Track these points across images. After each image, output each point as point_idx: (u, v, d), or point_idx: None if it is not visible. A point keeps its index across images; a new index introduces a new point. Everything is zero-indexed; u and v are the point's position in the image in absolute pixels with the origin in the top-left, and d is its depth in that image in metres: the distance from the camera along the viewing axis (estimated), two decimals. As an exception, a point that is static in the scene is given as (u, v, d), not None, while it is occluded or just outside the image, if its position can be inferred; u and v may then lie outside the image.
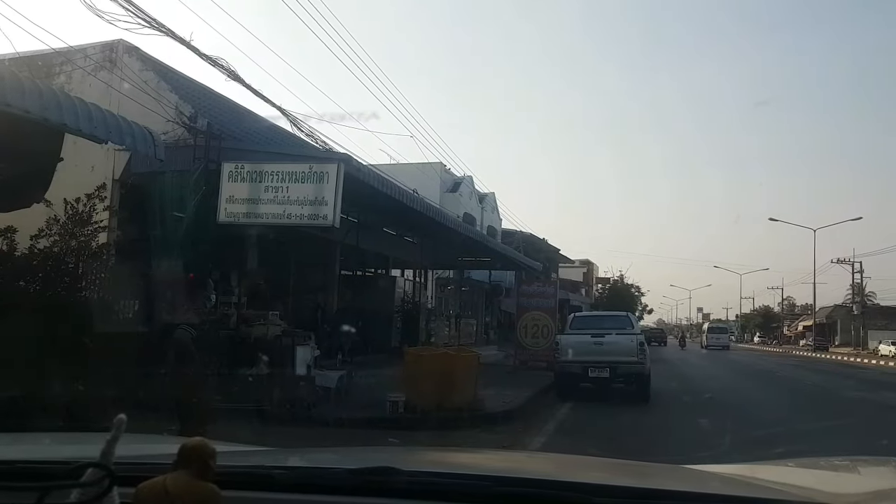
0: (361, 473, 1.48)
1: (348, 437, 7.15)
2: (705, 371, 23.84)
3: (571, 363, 12.41)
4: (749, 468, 2.02)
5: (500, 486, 1.47)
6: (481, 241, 19.17)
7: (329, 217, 9.22)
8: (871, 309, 60.05)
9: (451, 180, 32.01)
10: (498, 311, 33.06)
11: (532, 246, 30.92)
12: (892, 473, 2.00)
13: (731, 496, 1.47)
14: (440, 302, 26.59)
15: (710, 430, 9.18)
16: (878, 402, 14.35)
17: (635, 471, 2.20)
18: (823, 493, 1.49)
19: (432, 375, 9.03)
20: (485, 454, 2.94)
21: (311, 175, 9.30)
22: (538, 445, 7.70)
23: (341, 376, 10.13)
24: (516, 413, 9.87)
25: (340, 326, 12.17)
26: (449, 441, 7.08)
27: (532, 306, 17.43)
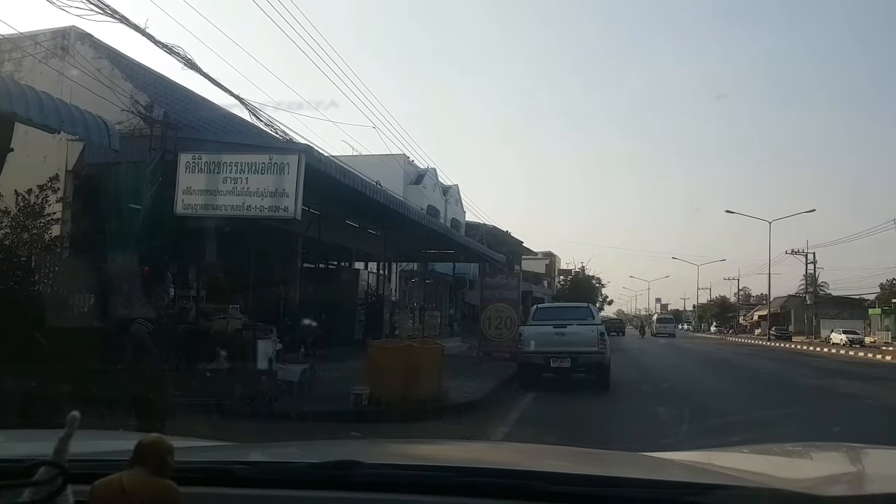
0: (323, 467, 1.47)
1: (311, 430, 7.11)
2: (663, 360, 24.31)
3: (534, 354, 12.55)
4: (706, 455, 2.06)
5: (462, 476, 1.47)
6: (445, 233, 19.15)
7: (290, 209, 9.10)
8: (823, 299, 62.06)
9: (414, 172, 31.93)
10: (462, 303, 33.13)
11: (495, 238, 31.04)
12: (842, 458, 2.06)
13: (689, 483, 1.49)
14: (404, 294, 26.54)
15: (668, 417, 9.37)
16: (830, 389, 14.80)
17: (595, 459, 2.23)
18: (777, 479, 1.52)
19: (396, 368, 9.01)
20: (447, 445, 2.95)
21: (271, 166, 9.15)
22: (501, 435, 7.76)
23: (304, 370, 10.04)
24: (479, 404, 9.93)
25: (303, 320, 12.04)
26: (412, 433, 7.10)
27: (495, 298, 17.53)
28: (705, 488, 1.38)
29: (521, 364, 12.99)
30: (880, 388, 15.20)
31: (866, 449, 2.23)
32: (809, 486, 1.36)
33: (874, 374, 19.63)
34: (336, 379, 10.47)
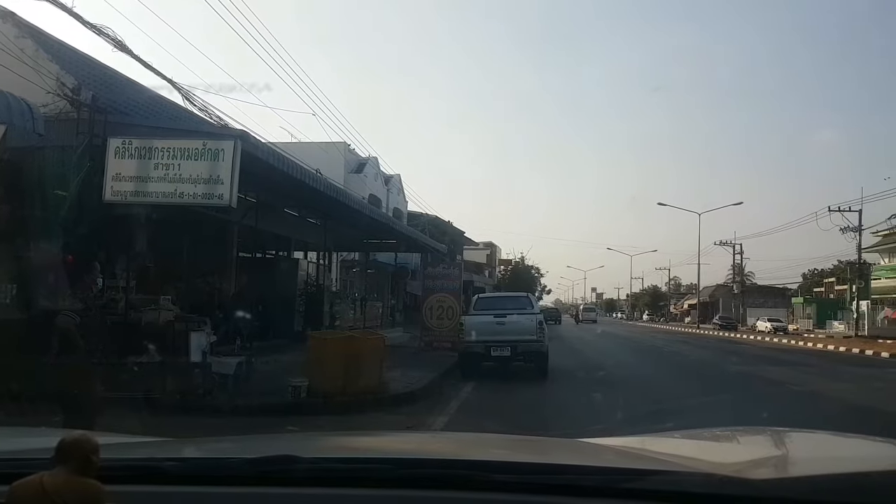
0: (259, 463, 1.43)
1: (247, 425, 6.95)
2: (598, 347, 24.89)
3: (475, 343, 12.67)
4: (640, 440, 2.10)
5: (403, 468, 1.46)
6: (387, 223, 19.05)
7: (225, 196, 8.84)
8: (749, 288, 64.87)
9: (355, 161, 31.62)
10: (404, 293, 33.10)
11: (438, 228, 31.11)
12: (768, 442, 2.13)
13: (626, 468, 1.52)
14: (345, 285, 26.31)
15: (603, 403, 9.61)
16: (756, 375, 15.39)
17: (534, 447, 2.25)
18: (708, 463, 1.56)
19: (337, 359, 8.93)
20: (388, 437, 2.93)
21: (205, 152, 8.87)
22: (441, 425, 7.78)
23: (240, 362, 9.82)
24: (421, 394, 9.95)
25: (238, 311, 11.77)
26: (353, 425, 7.04)
27: (437, 288, 17.57)
28: (641, 473, 1.41)
29: (463, 353, 13.09)
30: (803, 373, 15.93)
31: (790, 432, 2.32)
32: (738, 470, 1.40)
33: (796, 360, 20.61)
34: (274, 371, 10.30)
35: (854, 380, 14.57)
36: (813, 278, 64.90)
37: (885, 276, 44.14)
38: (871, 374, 16.04)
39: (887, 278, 43.39)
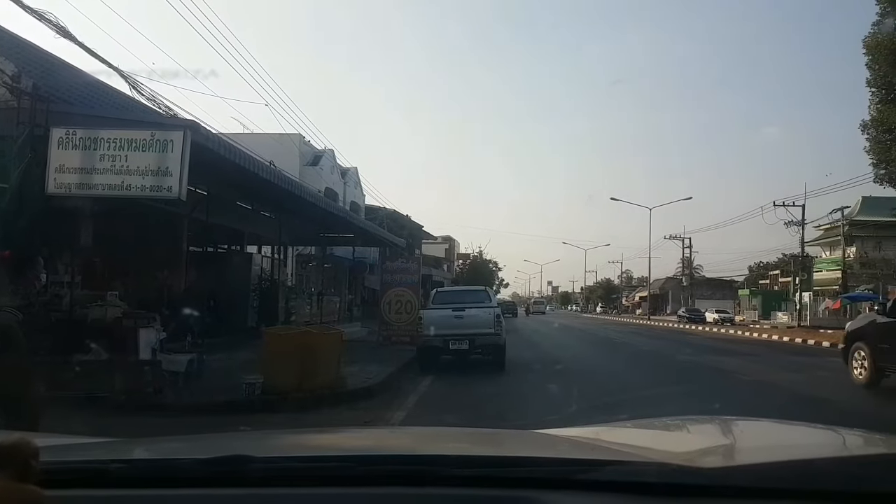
0: (211, 463, 1.37)
1: (199, 424, 6.79)
2: (554, 340, 25.23)
3: (433, 337, 12.69)
4: (594, 430, 2.12)
5: (360, 465, 1.43)
6: (343, 216, 18.86)
7: (174, 189, 8.59)
8: (698, 280, 66.62)
9: (311, 153, 31.25)
10: (362, 287, 32.89)
11: (396, 222, 31.03)
12: (717, 430, 2.17)
13: (582, 459, 1.52)
14: (301, 279, 25.98)
15: (559, 395, 9.72)
16: (705, 365, 15.80)
17: (492, 439, 2.25)
18: (659, 452, 1.58)
19: (292, 355, 8.78)
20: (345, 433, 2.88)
21: (153, 143, 8.60)
22: (399, 420, 7.75)
23: (191, 359, 9.59)
24: (379, 389, 9.88)
25: (189, 306, 11.49)
26: (309, 422, 6.96)
27: (396, 282, 17.49)
28: (596, 464, 1.41)
29: (421, 347, 13.10)
30: (749, 363, 16.43)
31: (738, 421, 2.39)
32: (690, 459, 1.42)
33: (743, 349, 21.24)
34: (227, 368, 10.10)
35: (798, 369, 15.06)
36: (758, 271, 67.08)
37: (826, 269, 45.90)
38: (813, 363, 16.59)
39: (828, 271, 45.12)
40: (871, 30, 28.03)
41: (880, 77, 27.79)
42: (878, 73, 27.87)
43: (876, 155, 28.37)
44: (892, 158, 27.63)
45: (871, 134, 28.55)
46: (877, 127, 28.18)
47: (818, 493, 1.23)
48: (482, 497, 1.31)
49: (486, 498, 1.31)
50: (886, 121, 27.45)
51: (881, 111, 27.86)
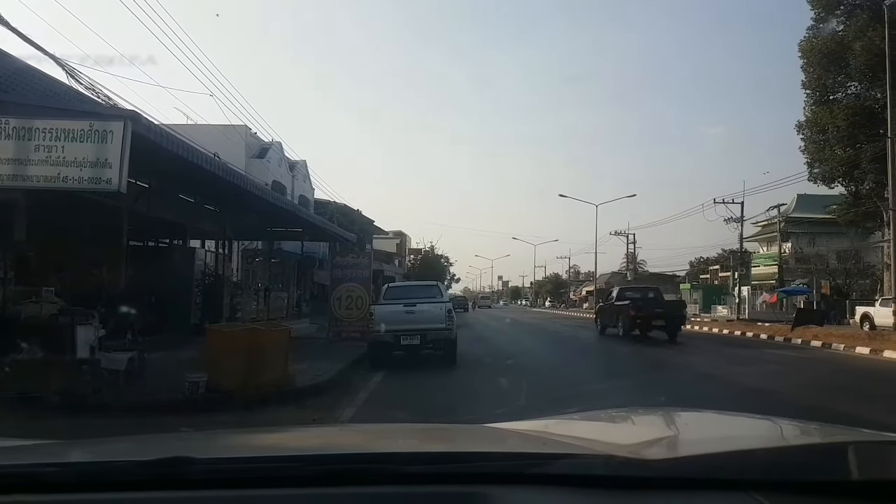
0: (152, 465, 1.32)
1: (140, 424, 6.56)
2: (506, 335, 25.46)
3: (384, 332, 12.63)
4: (543, 424, 2.14)
5: (307, 465, 1.40)
6: (292, 210, 18.51)
7: (114, 181, 8.27)
8: (642, 275, 68.31)
9: (258, 145, 30.66)
10: (311, 283, 32.48)
11: (346, 217, 30.73)
12: (661, 422, 2.24)
13: (532, 453, 1.55)
14: (247, 275, 25.48)
15: (510, 389, 9.80)
16: (649, 358, 16.21)
17: (442, 435, 2.25)
18: (606, 444, 1.63)
19: (238, 353, 8.59)
20: (292, 432, 2.82)
21: (91, 133, 8.26)
22: (349, 417, 7.67)
23: (131, 358, 9.29)
24: (328, 386, 9.77)
25: (129, 303, 11.13)
26: (255, 422, 6.82)
27: (346, 278, 17.35)
28: (545, 458, 1.44)
29: (372, 343, 13.03)
30: (692, 355, 16.91)
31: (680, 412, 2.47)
32: (635, 451, 1.45)
33: (685, 342, 21.79)
34: (169, 367, 9.80)
35: (738, 360, 15.58)
36: (699, 266, 69.29)
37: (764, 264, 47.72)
38: (753, 355, 17.22)
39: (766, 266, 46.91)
40: (807, 34, 29.26)
41: (815, 79, 29.01)
42: (812, 76, 29.08)
43: (810, 154, 29.61)
44: (825, 158, 28.88)
45: (806, 134, 29.79)
46: (811, 127, 29.42)
47: (759, 482, 1.27)
48: (433, 494, 1.31)
49: (437, 495, 1.31)
50: (820, 122, 28.68)
51: (815, 112, 29.10)
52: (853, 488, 1.27)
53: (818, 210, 39.71)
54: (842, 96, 29.12)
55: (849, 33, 27.47)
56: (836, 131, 28.23)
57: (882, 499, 1.25)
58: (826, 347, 19.31)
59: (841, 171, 28.74)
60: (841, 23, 28.36)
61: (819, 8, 28.67)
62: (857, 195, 29.32)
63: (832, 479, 1.29)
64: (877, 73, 25.62)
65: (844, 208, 30.57)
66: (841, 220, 31.62)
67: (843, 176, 29.08)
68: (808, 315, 29.34)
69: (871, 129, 27.15)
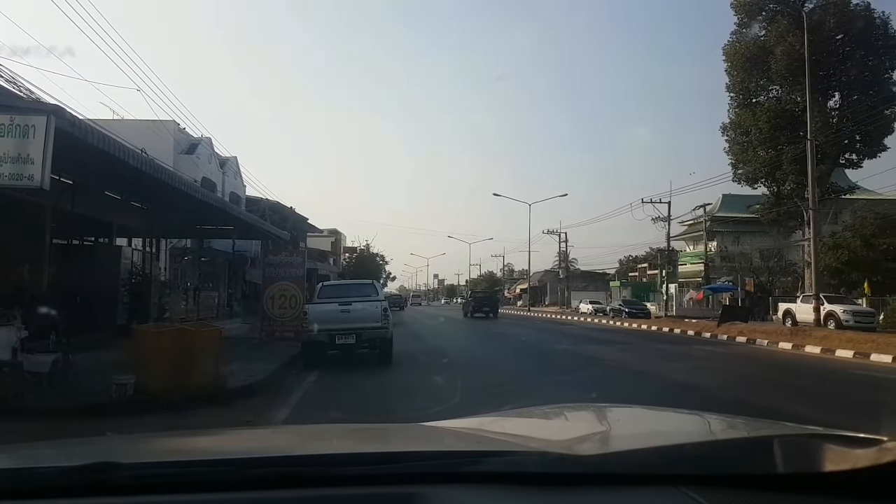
0: (76, 471, 1.29)
1: (65, 429, 6.32)
2: (440, 333, 25.55)
3: (319, 332, 12.48)
4: (478, 421, 2.17)
5: (237, 468, 1.39)
6: (221, 207, 18.02)
7: (36, 177, 7.91)
8: (573, 273, 69.79)
9: (186, 141, 29.72)
10: (243, 282, 31.69)
11: (279, 214, 30.10)
12: (593, 418, 2.28)
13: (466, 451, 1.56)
14: (176, 274, 24.67)
15: (445, 387, 9.87)
16: (582, 354, 16.56)
17: (376, 435, 2.25)
18: (540, 441, 1.65)
19: (167, 354, 8.36)
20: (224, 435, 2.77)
21: (12, 128, 7.87)
22: (282, 418, 7.58)
23: (55, 360, 8.92)
24: (260, 387, 9.61)
25: (52, 303, 10.64)
26: (186, 424, 6.64)
27: (279, 276, 17.05)
28: (480, 455, 1.45)
29: (306, 342, 12.84)
30: (622, 351, 17.41)
31: (612, 408, 2.54)
32: (568, 447, 1.48)
33: (615, 339, 22.47)
34: (95, 368, 9.44)
35: (666, 356, 16.11)
36: (628, 264, 71.23)
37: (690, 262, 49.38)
38: (680, 351, 17.83)
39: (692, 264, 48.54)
40: (730, 38, 30.36)
41: (738, 83, 30.09)
42: (736, 79, 30.15)
43: (735, 155, 30.73)
44: (748, 159, 30.01)
45: (730, 136, 30.90)
46: (735, 129, 30.52)
47: (688, 476, 1.31)
48: (367, 495, 1.31)
49: (372, 496, 1.31)
50: (743, 123, 29.77)
51: (739, 115, 30.19)
52: (779, 481, 1.32)
53: (742, 210, 41.11)
54: (764, 99, 30.06)
55: (770, 38, 28.45)
56: (758, 133, 29.23)
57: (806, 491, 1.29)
58: (751, 343, 20.18)
59: (763, 171, 29.74)
60: (763, 28, 29.38)
61: (742, 13, 29.70)
62: (778, 195, 30.25)
63: (759, 472, 1.33)
64: (797, 76, 26.64)
65: (767, 208, 31.55)
66: (764, 219, 32.66)
67: (766, 176, 30.07)
68: (734, 312, 30.47)
69: (791, 131, 28.21)
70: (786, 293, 36.86)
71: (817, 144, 25.19)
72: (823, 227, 30.57)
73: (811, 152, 23.95)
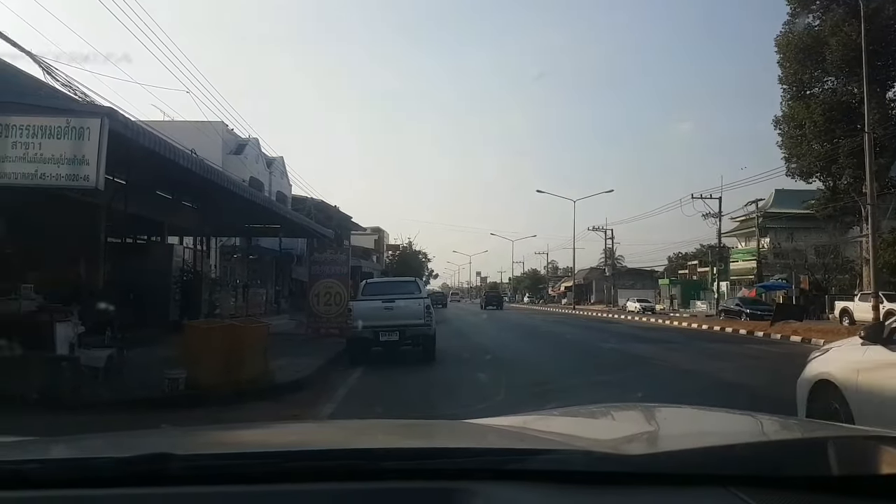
0: (131, 462, 1.33)
1: (120, 421, 6.55)
2: (483, 330, 25.48)
3: (363, 328, 12.61)
4: (522, 420, 2.15)
5: (286, 461, 1.41)
6: (269, 206, 18.39)
7: (91, 178, 8.20)
8: (620, 271, 68.70)
9: (234, 142, 30.37)
10: (289, 279, 32.26)
11: (324, 213, 30.54)
12: (640, 417, 2.24)
13: (510, 449, 1.55)
14: (225, 271, 25.27)
15: (489, 385, 9.85)
16: (628, 353, 16.27)
17: (421, 431, 2.25)
18: (585, 440, 1.62)
19: (217, 349, 8.57)
20: (271, 429, 2.83)
21: (68, 130, 8.17)
22: (328, 413, 7.68)
23: (111, 354, 9.23)
24: (307, 382, 9.76)
25: (108, 300, 11.02)
26: (234, 418, 6.79)
27: (324, 274, 17.28)
28: (524, 453, 1.44)
29: (351, 339, 12.99)
30: (671, 351, 17.03)
31: (660, 408, 2.46)
32: (614, 446, 1.46)
33: (663, 337, 22.06)
34: (149, 363, 9.74)
35: (717, 356, 15.67)
36: (678, 261, 69.70)
37: (742, 259, 48.15)
38: (732, 350, 17.39)
39: (744, 261, 47.34)
40: (783, 29, 29.44)
41: (791, 75, 29.15)
42: (789, 71, 29.22)
43: (788, 149, 29.81)
44: (802, 153, 29.07)
45: (783, 129, 29.98)
46: (788, 122, 29.59)
47: (738, 477, 1.27)
48: (412, 490, 1.32)
49: (417, 490, 1.31)
50: (797, 117, 28.83)
51: (792, 107, 29.26)
52: (832, 484, 1.28)
53: (796, 205, 39.97)
54: (818, 91, 29.06)
55: (825, 28, 27.50)
56: (813, 126, 28.30)
57: (860, 494, 1.25)
58: (806, 342, 19.53)
59: (818, 165, 28.76)
60: (817, 18, 28.40)
61: (795, 3, 28.77)
62: (834, 190, 29.27)
63: (811, 474, 1.30)
64: (853, 67, 25.61)
65: (822, 203, 30.57)
66: (819, 214, 31.69)
67: (821, 171, 29.09)
68: (788, 310, 29.60)
69: (847, 123, 27.18)
70: (843, 291, 35.65)
71: (875, 137, 24.19)
72: (882, 223, 29.34)
73: (869, 145, 23.03)
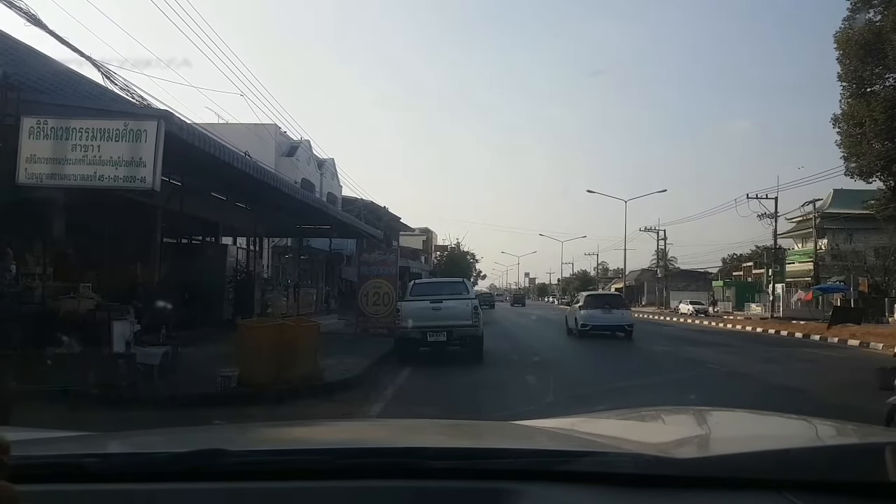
0: (186, 457, 1.36)
1: (174, 417, 6.74)
2: (529, 330, 25.36)
3: (411, 329, 12.68)
4: (570, 422, 2.13)
5: (336, 458, 1.42)
6: (320, 207, 18.70)
7: (148, 180, 8.46)
8: (672, 272, 67.28)
9: (287, 144, 30.94)
10: (339, 279, 32.71)
11: (373, 214, 30.87)
12: (691, 421, 2.19)
13: (558, 451, 1.53)
14: (277, 271, 25.79)
15: (536, 387, 9.78)
16: (680, 356, 16.00)
17: (469, 431, 2.25)
18: (634, 443, 1.60)
19: (269, 348, 8.73)
20: (322, 426, 2.86)
21: (126, 133, 8.45)
22: (377, 412, 7.74)
23: (166, 352, 9.48)
24: (356, 381, 9.85)
25: (163, 298, 11.35)
26: (286, 415, 6.91)
27: (373, 274, 17.46)
28: (572, 455, 1.42)
29: (399, 339, 13.09)
30: (725, 353, 16.64)
31: (712, 411, 2.40)
32: (664, 450, 1.43)
33: (717, 340, 21.54)
34: (202, 361, 9.99)
35: (772, 359, 15.29)
36: (732, 263, 67.92)
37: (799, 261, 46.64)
38: (787, 354, 16.89)
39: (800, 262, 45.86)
40: (842, 25, 28.40)
41: (851, 72, 28.13)
42: (848, 68, 28.20)
43: (847, 148, 28.77)
44: (862, 152, 28.03)
45: (842, 128, 28.93)
46: (847, 121, 28.55)
47: (792, 482, 1.24)
48: (460, 489, 1.31)
49: (464, 489, 1.31)
50: (857, 115, 27.81)
51: (851, 105, 28.23)
52: (889, 490, 1.24)
53: (855, 205, 38.62)
54: (879, 88, 28.02)
55: (886, 23, 26.55)
56: (873, 124, 27.29)
57: None
58: (864, 346, 18.85)
59: (879, 165, 27.74)
60: (878, 13, 27.44)
61: (855, -2, 27.90)
62: (895, 190, 28.50)
63: (867, 480, 1.26)
64: (916, 63, 24.87)
65: (883, 203, 29.57)
66: (879, 215, 30.63)
67: (882, 170, 28.06)
68: (846, 313, 28.65)
69: (910, 121, 26.38)
70: (904, 294, 34.26)
71: (940, 135, 23.17)
72: (946, 225, 28.11)
73: (932, 144, 22.05)
